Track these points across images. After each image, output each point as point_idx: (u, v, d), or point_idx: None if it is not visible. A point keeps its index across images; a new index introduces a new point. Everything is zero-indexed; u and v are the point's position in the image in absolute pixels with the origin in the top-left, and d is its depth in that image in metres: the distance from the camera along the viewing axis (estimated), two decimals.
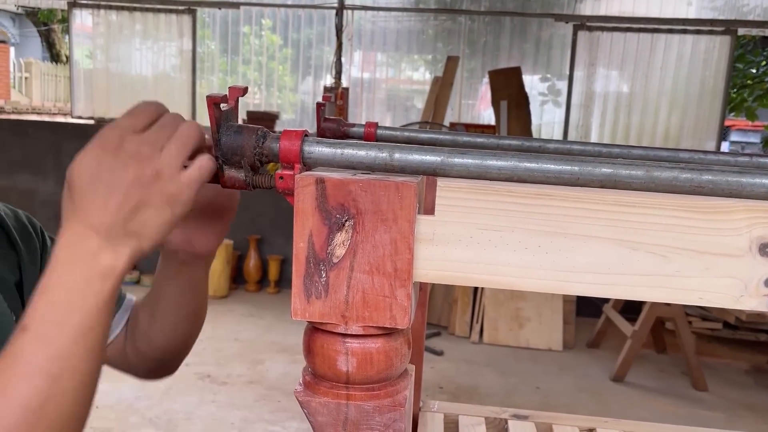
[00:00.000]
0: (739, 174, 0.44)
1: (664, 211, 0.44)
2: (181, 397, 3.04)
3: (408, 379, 0.55)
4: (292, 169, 0.52)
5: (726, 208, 0.44)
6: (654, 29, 5.40)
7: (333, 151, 0.51)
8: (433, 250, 0.48)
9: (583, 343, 4.32)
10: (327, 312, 0.49)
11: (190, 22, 5.78)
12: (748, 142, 13.97)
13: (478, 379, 3.63)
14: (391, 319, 0.49)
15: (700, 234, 0.45)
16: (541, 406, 3.31)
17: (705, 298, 0.45)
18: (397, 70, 6.09)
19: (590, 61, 5.52)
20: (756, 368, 4.10)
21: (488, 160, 0.47)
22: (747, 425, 3.22)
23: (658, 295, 0.45)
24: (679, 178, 0.44)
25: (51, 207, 5.07)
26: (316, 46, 5.92)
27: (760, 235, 0.44)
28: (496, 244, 0.46)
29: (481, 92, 5.83)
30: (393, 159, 0.49)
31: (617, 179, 0.45)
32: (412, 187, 0.47)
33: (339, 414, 0.51)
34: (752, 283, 0.45)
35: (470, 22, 5.73)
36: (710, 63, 5.40)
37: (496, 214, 0.46)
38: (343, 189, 0.47)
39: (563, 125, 5.63)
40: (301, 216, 0.48)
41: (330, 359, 0.50)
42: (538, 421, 0.97)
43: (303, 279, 0.49)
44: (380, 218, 0.47)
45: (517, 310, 4.25)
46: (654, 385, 3.70)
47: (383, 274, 0.48)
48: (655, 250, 0.45)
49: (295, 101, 6.11)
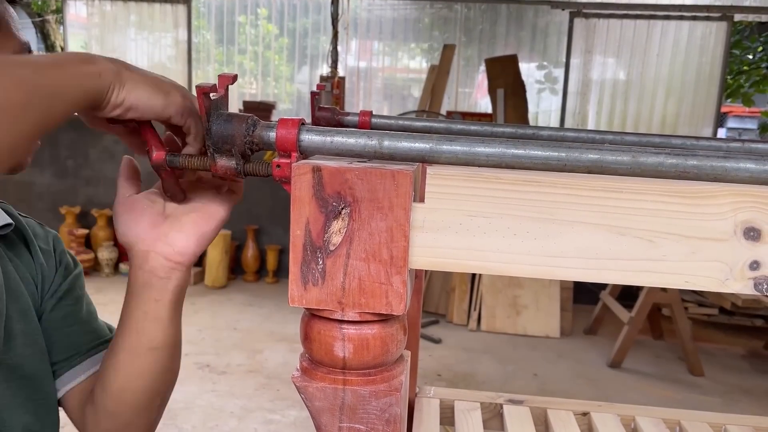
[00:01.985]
0: (723, 159, 0.45)
1: (651, 196, 0.45)
2: (180, 387, 3.06)
3: (404, 365, 0.55)
4: (288, 157, 0.52)
5: (711, 192, 0.45)
6: (650, 16, 5.39)
7: (323, 139, 0.52)
8: (424, 236, 0.49)
9: (581, 330, 4.34)
10: (324, 299, 0.50)
11: (185, 12, 5.75)
12: (746, 128, 13.95)
13: (476, 366, 3.66)
14: (387, 305, 0.49)
15: (686, 219, 0.46)
16: (539, 392, 3.33)
17: (691, 281, 0.46)
18: (394, 59, 6.08)
19: (587, 48, 5.51)
20: (752, 353, 4.13)
21: (476, 147, 0.48)
22: (743, 409, 3.25)
23: (645, 279, 0.46)
24: (665, 164, 0.45)
25: (47, 199, 5.07)
26: (312, 35, 5.90)
27: (744, 219, 0.45)
28: (485, 230, 0.47)
29: (478, 80, 5.82)
30: (382, 146, 0.50)
31: (603, 165, 0.46)
32: (408, 175, 0.47)
33: (336, 399, 0.52)
34: (737, 266, 0.46)
35: (466, 10, 5.71)
36: (707, 49, 5.40)
37: (485, 200, 0.47)
38: (340, 177, 0.48)
39: (560, 113, 5.62)
40: (298, 204, 0.49)
41: (327, 345, 0.51)
42: (532, 406, 0.99)
43: (300, 266, 0.49)
44: (376, 206, 0.48)
45: (514, 297, 4.26)
46: (651, 371, 3.72)
47: (379, 261, 0.49)
48: (642, 234, 0.46)
49: (291, 91, 6.10)
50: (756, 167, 0.45)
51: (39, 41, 12.23)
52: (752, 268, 0.46)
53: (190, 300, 4.46)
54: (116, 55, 3.90)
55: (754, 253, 0.46)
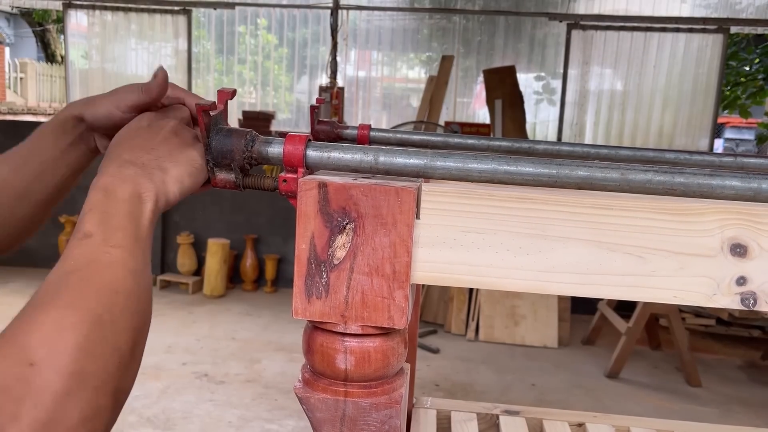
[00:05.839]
0: (709, 176, 0.47)
1: (640, 213, 0.47)
2: (178, 396, 3.06)
3: (404, 378, 0.57)
4: (295, 172, 0.54)
5: (699, 209, 0.47)
6: (647, 28, 5.43)
7: (320, 155, 0.53)
8: (418, 251, 0.50)
9: (578, 340, 4.35)
10: (327, 312, 0.51)
11: (185, 22, 5.78)
12: (743, 139, 14.02)
13: (474, 376, 3.66)
14: (389, 319, 0.51)
15: (675, 235, 0.47)
16: (536, 402, 3.34)
17: (679, 296, 0.48)
18: (393, 69, 6.11)
19: (584, 59, 5.55)
20: (749, 364, 4.14)
21: (470, 163, 0.49)
22: (740, 420, 3.25)
23: (635, 295, 0.48)
24: (653, 181, 0.47)
25: None
26: (312, 45, 5.94)
27: (731, 236, 0.47)
28: (479, 246, 0.49)
29: (476, 91, 5.85)
30: (378, 162, 0.52)
31: (593, 181, 0.47)
32: (412, 192, 0.48)
33: (337, 410, 0.53)
34: (724, 282, 0.48)
35: (465, 21, 5.75)
36: (703, 61, 5.44)
37: (479, 217, 0.48)
38: (345, 193, 0.49)
39: (558, 123, 5.66)
40: (304, 218, 0.50)
41: (329, 357, 0.52)
42: (528, 417, 1.00)
43: (304, 279, 0.51)
44: (380, 222, 0.49)
45: (512, 307, 4.27)
46: (648, 381, 3.73)
47: (382, 276, 0.50)
48: (632, 251, 0.47)
49: (291, 101, 6.12)
50: (741, 185, 0.47)
51: (39, 50, 12.24)
52: (739, 283, 0.48)
53: (188, 309, 4.46)
54: (117, 65, 3.88)
55: (740, 268, 0.47)
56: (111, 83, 5.84)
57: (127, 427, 2.74)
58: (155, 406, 2.94)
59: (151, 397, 3.02)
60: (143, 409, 2.90)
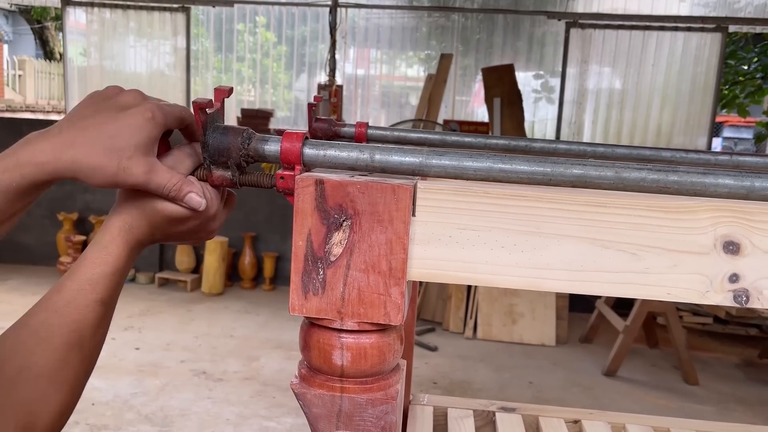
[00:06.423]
0: (702, 175, 0.47)
1: (634, 210, 0.47)
2: (177, 394, 3.06)
3: (400, 374, 0.57)
4: (292, 170, 0.54)
5: (692, 207, 0.47)
6: (646, 26, 5.43)
7: (316, 152, 0.54)
8: (414, 248, 0.50)
9: (576, 338, 4.36)
10: (324, 308, 0.51)
11: (184, 19, 5.78)
12: (741, 138, 14.02)
13: (472, 374, 3.67)
14: (385, 315, 0.51)
15: (668, 232, 0.48)
16: (534, 400, 3.34)
17: (673, 293, 0.48)
18: (392, 67, 6.11)
19: (583, 58, 5.56)
20: (746, 362, 4.15)
21: (465, 161, 0.50)
22: (738, 418, 3.26)
23: (628, 291, 0.48)
24: (647, 179, 0.47)
25: (45, 205, 5.07)
26: (311, 43, 5.93)
27: (724, 234, 0.47)
28: (474, 243, 0.49)
29: (475, 89, 5.85)
30: (374, 160, 0.52)
31: (587, 179, 0.47)
32: (408, 189, 0.49)
33: (333, 406, 0.54)
34: (717, 279, 0.48)
35: (463, 19, 5.75)
36: (701, 60, 5.44)
37: (474, 214, 0.49)
38: (342, 190, 0.49)
39: (556, 122, 5.66)
40: (301, 215, 0.50)
41: (325, 353, 0.53)
42: (524, 414, 1.00)
43: (301, 276, 0.51)
44: (377, 219, 0.49)
45: (510, 305, 4.28)
46: (646, 380, 3.74)
47: (378, 272, 0.50)
48: (626, 248, 0.48)
49: (289, 98, 6.12)
50: (734, 183, 0.47)
51: (38, 48, 12.22)
52: (731, 280, 0.48)
53: (186, 307, 4.46)
54: (115, 63, 3.84)
55: (733, 266, 0.48)
56: (109, 80, 5.83)
57: (125, 424, 2.74)
58: (153, 403, 2.95)
59: (149, 395, 3.02)
60: (141, 407, 2.90)
